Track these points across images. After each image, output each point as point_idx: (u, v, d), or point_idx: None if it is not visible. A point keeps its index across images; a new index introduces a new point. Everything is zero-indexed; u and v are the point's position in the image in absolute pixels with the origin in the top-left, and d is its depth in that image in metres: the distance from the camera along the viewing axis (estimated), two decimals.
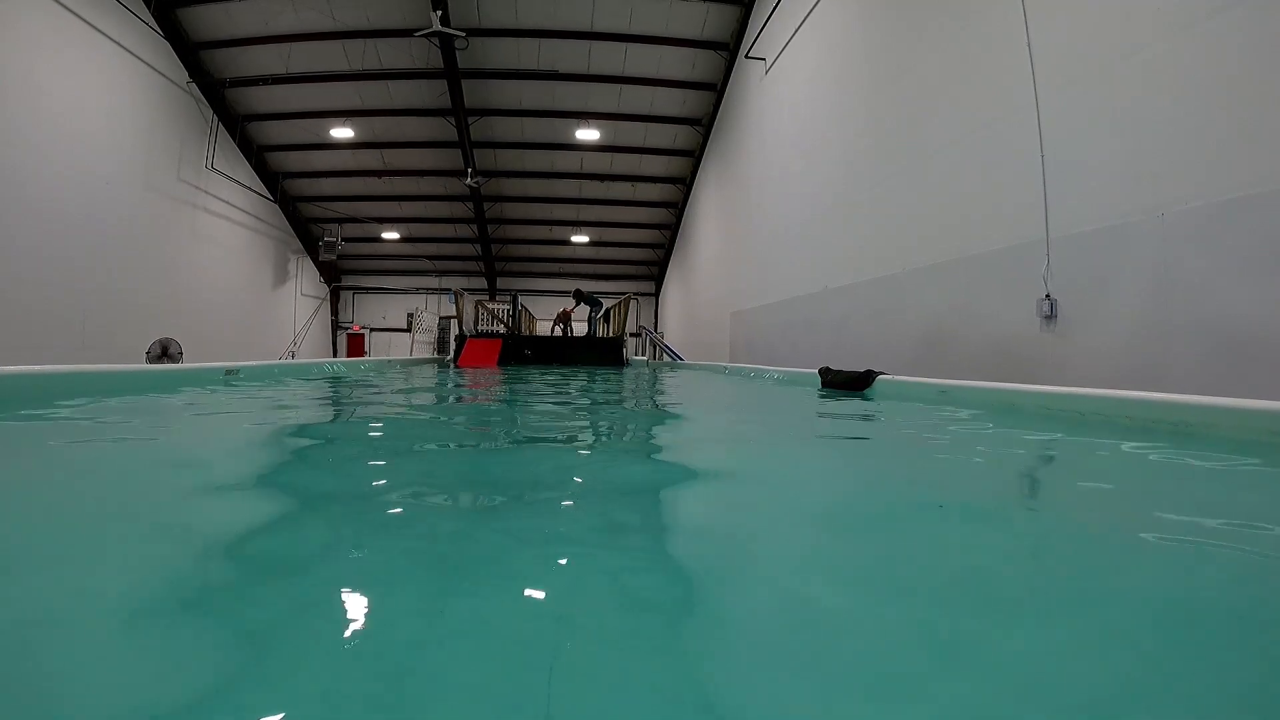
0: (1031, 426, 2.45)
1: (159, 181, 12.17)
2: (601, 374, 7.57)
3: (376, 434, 2.36)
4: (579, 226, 19.30)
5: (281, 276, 18.21)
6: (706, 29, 12.40)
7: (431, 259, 20.68)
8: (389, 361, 9.20)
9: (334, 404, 3.48)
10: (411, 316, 21.48)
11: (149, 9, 11.25)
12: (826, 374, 4.73)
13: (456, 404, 3.94)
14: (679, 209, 17.91)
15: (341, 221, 18.45)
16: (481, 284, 21.06)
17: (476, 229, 18.62)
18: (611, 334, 13.50)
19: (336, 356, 20.11)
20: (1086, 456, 1.92)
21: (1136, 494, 1.44)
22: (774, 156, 10.11)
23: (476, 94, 13.92)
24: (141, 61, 11.37)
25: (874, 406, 3.45)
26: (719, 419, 3.27)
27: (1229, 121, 3.10)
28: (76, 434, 2.00)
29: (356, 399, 3.67)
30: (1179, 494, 1.43)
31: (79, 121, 9.99)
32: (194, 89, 13.01)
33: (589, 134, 15.01)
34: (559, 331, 15.74)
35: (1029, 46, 4.37)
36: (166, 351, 10.26)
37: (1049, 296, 4.08)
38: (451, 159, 15.68)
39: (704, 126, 14.63)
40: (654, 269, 21.48)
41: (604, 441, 2.34)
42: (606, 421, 2.93)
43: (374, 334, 21.66)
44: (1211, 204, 3.13)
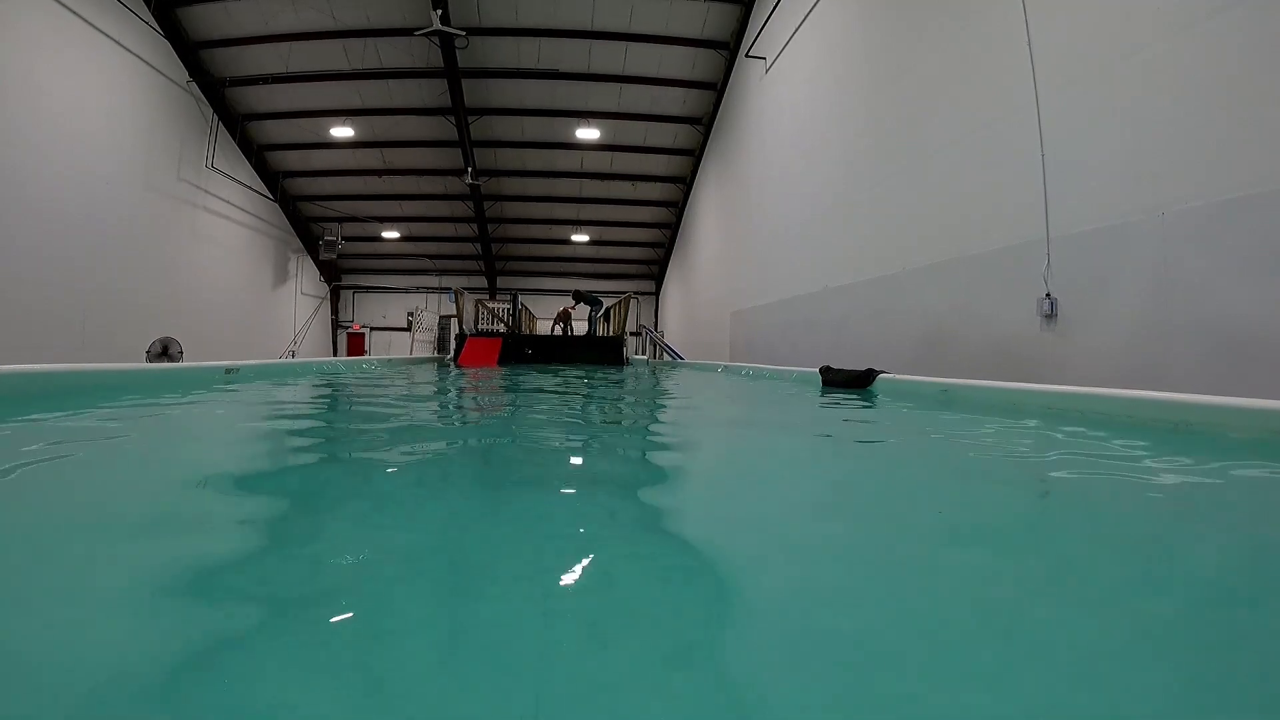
0: (1034, 425, 2.45)
1: (159, 181, 12.16)
2: (601, 374, 7.57)
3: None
4: (579, 225, 19.29)
5: (281, 276, 18.20)
6: (707, 28, 12.40)
7: (432, 258, 20.68)
8: (388, 360, 9.20)
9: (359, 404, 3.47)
10: (412, 316, 21.47)
11: (149, 8, 11.23)
12: (827, 373, 4.74)
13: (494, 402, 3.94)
14: (679, 208, 17.90)
15: (341, 220, 18.44)
16: (481, 283, 21.05)
17: (477, 228, 18.61)
18: (612, 333, 13.50)
19: (337, 356, 20.11)
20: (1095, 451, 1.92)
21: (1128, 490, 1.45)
22: (774, 156, 10.11)
23: (476, 93, 13.91)
24: (141, 61, 11.36)
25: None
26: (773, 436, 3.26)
27: (1229, 121, 3.11)
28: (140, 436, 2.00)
29: (377, 401, 3.68)
30: (1178, 493, 1.44)
31: (79, 121, 9.98)
32: (194, 88, 12.99)
33: (589, 133, 15.00)
34: (559, 331, 15.76)
35: (1029, 46, 4.37)
36: (167, 351, 10.25)
37: (1049, 296, 4.09)
38: (451, 158, 15.67)
39: (704, 126, 14.62)
40: (654, 268, 21.47)
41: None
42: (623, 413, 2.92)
43: (374, 333, 21.67)
44: (1211, 204, 3.14)
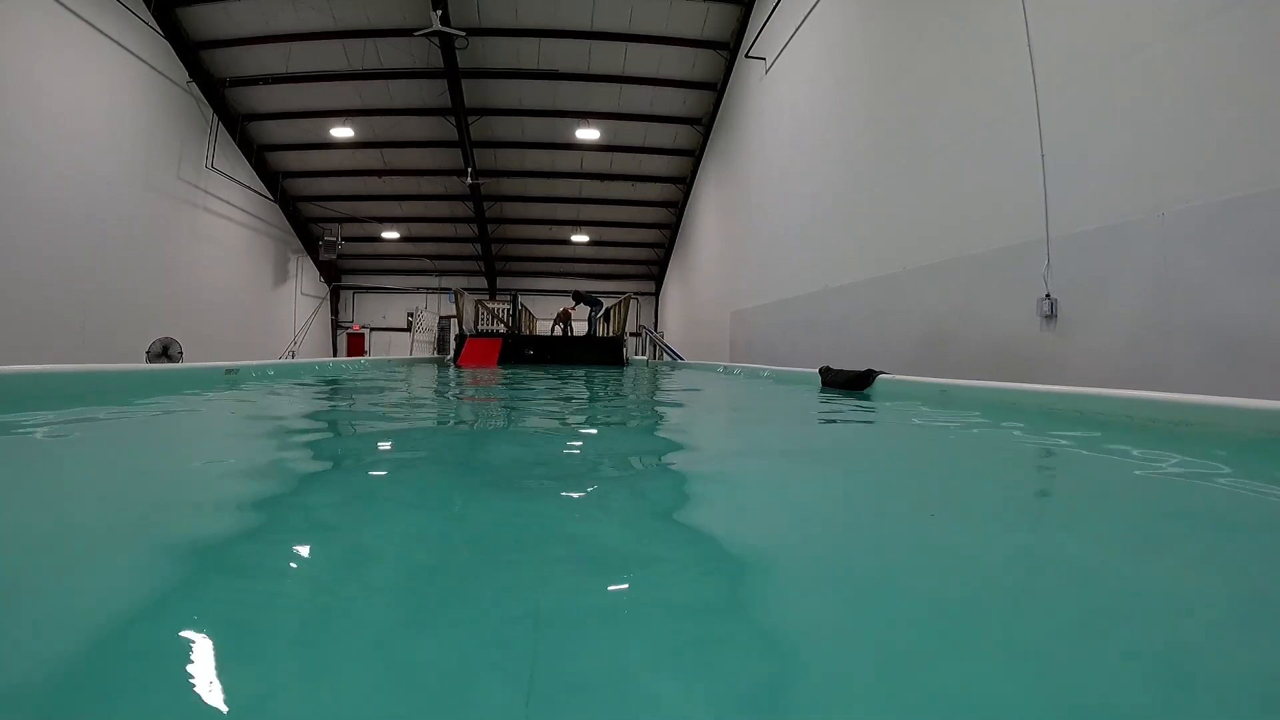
0: (1035, 425, 2.45)
1: (159, 181, 12.16)
2: (601, 374, 7.56)
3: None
4: (579, 226, 19.29)
5: (281, 276, 18.20)
6: (706, 28, 12.40)
7: (431, 258, 20.68)
8: (388, 360, 9.20)
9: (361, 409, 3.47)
10: (411, 316, 21.47)
11: (149, 8, 11.23)
12: (827, 374, 4.73)
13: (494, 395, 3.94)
14: (679, 208, 17.89)
15: (341, 221, 18.44)
16: (481, 283, 21.05)
17: (476, 228, 18.61)
18: (611, 333, 13.49)
19: (336, 356, 20.11)
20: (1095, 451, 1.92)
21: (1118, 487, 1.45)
22: (774, 156, 10.10)
23: (476, 93, 13.91)
24: (141, 61, 11.36)
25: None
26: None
27: (1229, 121, 3.11)
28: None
29: (379, 402, 3.67)
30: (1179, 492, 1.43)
31: (79, 121, 9.98)
32: (194, 89, 13.00)
33: (589, 133, 15.00)
34: (559, 331, 15.75)
35: (1029, 46, 4.37)
36: (166, 351, 10.24)
37: (1049, 296, 4.09)
38: (451, 158, 15.67)
39: (704, 126, 14.62)
40: (654, 268, 21.47)
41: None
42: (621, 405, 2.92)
43: (374, 333, 21.66)
44: (1211, 204, 3.13)
